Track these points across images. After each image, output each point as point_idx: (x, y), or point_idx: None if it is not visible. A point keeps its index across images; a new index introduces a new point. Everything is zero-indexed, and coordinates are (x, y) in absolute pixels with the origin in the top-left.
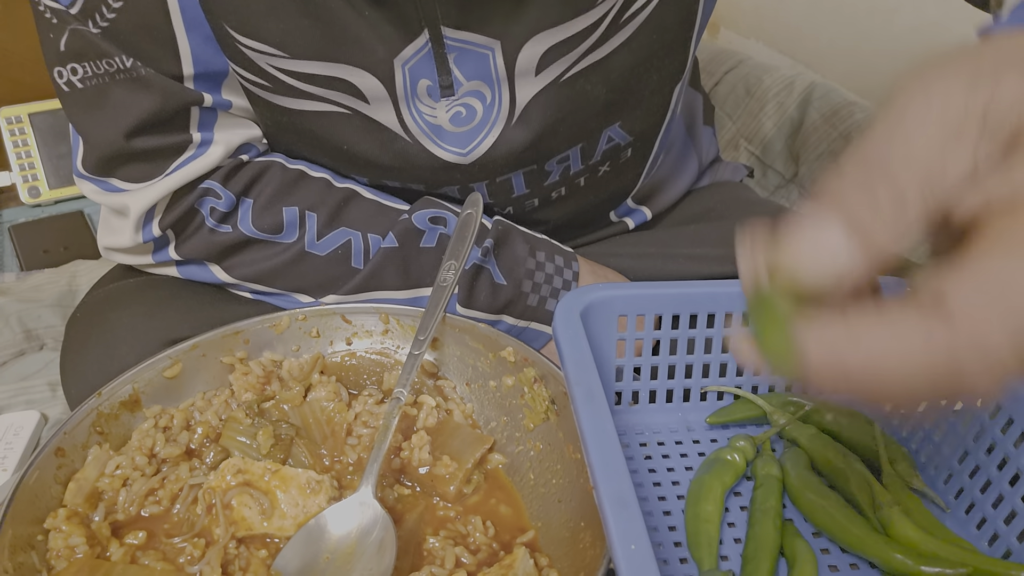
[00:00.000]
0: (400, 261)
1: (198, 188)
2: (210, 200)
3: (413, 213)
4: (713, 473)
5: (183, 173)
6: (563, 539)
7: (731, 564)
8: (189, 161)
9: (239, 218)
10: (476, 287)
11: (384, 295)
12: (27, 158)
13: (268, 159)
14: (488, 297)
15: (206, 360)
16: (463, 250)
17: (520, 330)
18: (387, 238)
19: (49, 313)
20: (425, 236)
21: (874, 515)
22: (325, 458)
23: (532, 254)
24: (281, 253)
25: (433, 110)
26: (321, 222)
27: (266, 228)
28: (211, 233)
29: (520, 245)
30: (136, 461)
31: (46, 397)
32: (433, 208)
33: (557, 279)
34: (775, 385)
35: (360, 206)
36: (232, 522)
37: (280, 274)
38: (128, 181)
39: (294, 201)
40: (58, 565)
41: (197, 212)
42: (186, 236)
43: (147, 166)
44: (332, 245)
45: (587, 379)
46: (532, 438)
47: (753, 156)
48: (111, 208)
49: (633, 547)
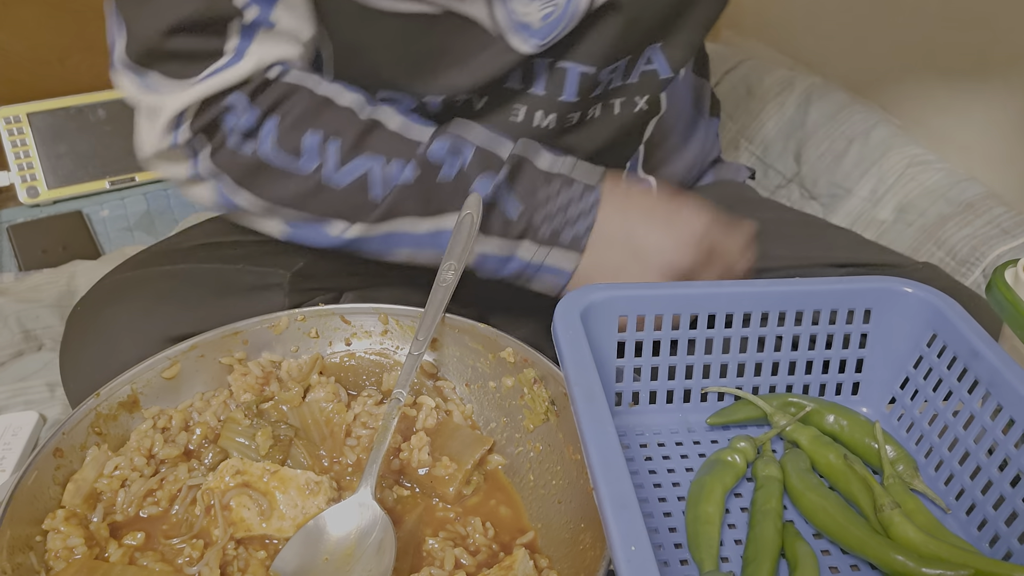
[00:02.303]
0: (418, 195)
1: (224, 101)
2: (234, 116)
3: (430, 145)
4: (714, 474)
5: (213, 81)
6: (563, 540)
7: (732, 565)
8: (220, 70)
9: (261, 138)
10: (491, 214)
11: (408, 222)
12: (25, 158)
13: (298, 80)
14: (502, 225)
15: (205, 361)
16: (463, 250)
17: (536, 268)
18: (404, 172)
19: (48, 313)
20: (442, 170)
21: (875, 516)
22: (324, 459)
23: (547, 181)
24: (301, 183)
25: (526, 7)
26: (343, 150)
27: (287, 151)
28: (233, 152)
29: (535, 172)
30: (135, 462)
31: (44, 397)
32: (451, 139)
33: (573, 208)
34: (776, 386)
35: (382, 136)
36: (231, 523)
37: (301, 204)
38: (165, 77)
39: (318, 126)
40: (56, 566)
41: (220, 127)
42: (215, 147)
43: (182, 66)
44: (351, 176)
45: (587, 380)
46: (532, 439)
47: (754, 156)
48: (145, 109)
49: (633, 548)
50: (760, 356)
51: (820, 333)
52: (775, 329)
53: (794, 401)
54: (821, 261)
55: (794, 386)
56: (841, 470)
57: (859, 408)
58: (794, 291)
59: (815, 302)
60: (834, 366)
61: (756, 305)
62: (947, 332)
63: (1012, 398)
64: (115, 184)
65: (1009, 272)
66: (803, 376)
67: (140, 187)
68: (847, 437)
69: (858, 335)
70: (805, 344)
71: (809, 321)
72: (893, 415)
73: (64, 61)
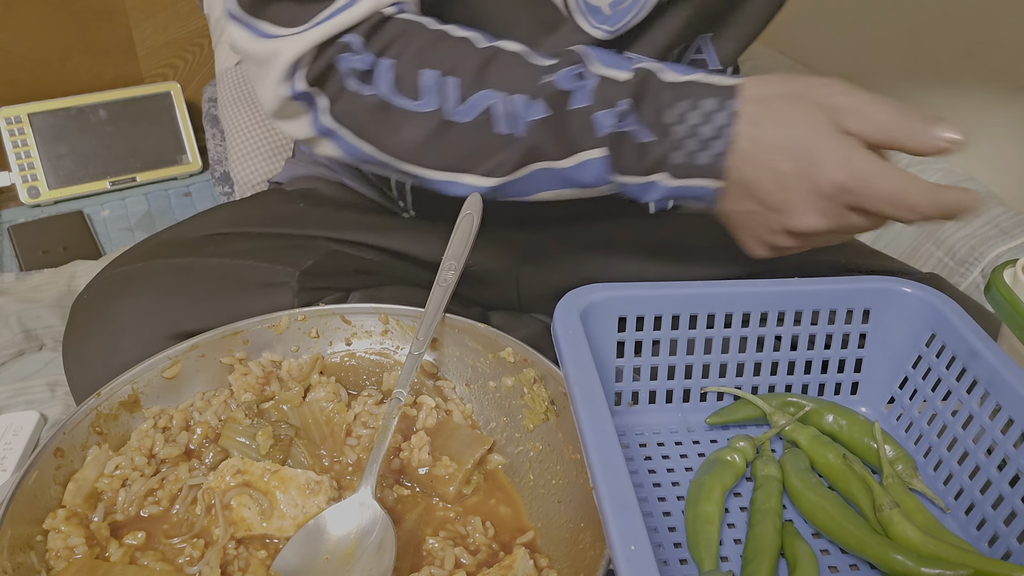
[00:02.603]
0: (553, 129)
1: (339, 42)
2: (349, 57)
3: (556, 72)
4: (713, 474)
5: (332, 24)
6: (563, 540)
7: (731, 565)
8: (339, 12)
9: (378, 80)
10: (621, 152)
11: (547, 165)
12: (26, 158)
13: (413, 16)
14: (635, 160)
15: (205, 360)
16: (463, 250)
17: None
18: (533, 107)
19: (48, 313)
20: (574, 96)
21: (874, 516)
22: (324, 459)
23: (673, 103)
24: (423, 123)
25: None
26: (463, 85)
27: (405, 91)
28: (354, 95)
29: (659, 93)
30: (135, 461)
31: (45, 397)
32: (575, 64)
33: (706, 128)
34: (775, 385)
35: (504, 64)
36: (231, 523)
37: (425, 148)
38: (277, 24)
39: (435, 63)
40: (57, 565)
41: (337, 69)
42: (333, 97)
43: (297, 7)
44: (474, 111)
45: (587, 379)
46: (532, 439)
47: None
48: (258, 60)
49: (633, 548)
50: (759, 356)
51: (819, 333)
52: (774, 329)
53: (793, 401)
54: (827, 271)
55: (793, 386)
56: (840, 470)
57: (858, 408)
58: (794, 291)
59: (814, 302)
60: (833, 366)
61: (756, 305)
62: (946, 332)
63: (1011, 398)
64: (116, 184)
65: (1008, 272)
66: (802, 376)
67: (141, 187)
68: (846, 437)
69: (857, 335)
70: (804, 344)
71: (808, 321)
72: (892, 415)
73: (65, 62)
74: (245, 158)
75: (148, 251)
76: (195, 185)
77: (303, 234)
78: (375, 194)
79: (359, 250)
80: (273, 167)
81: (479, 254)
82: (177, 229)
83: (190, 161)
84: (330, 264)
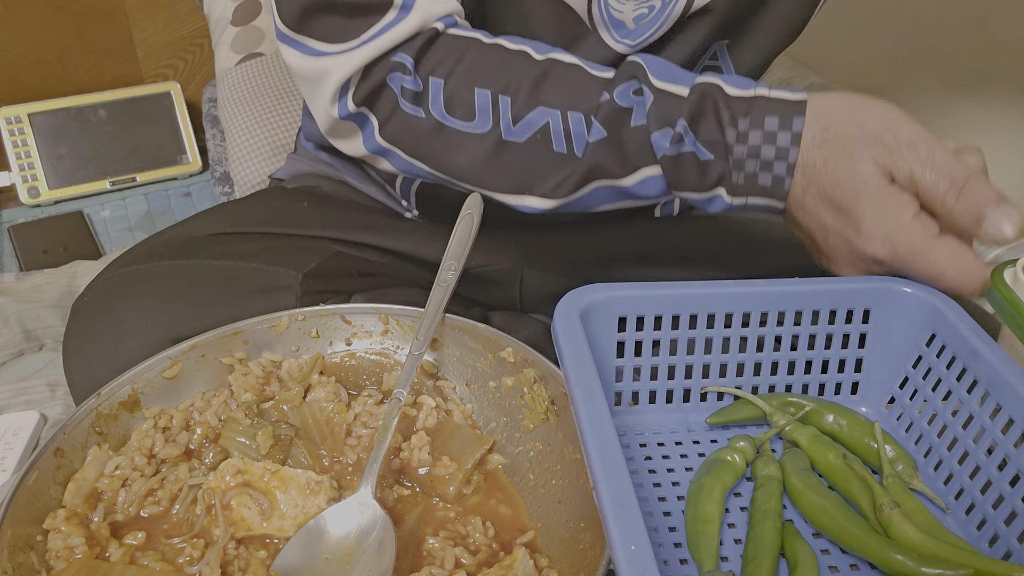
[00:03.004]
0: (613, 148)
1: (389, 61)
2: (400, 77)
3: (614, 89)
4: (713, 474)
5: (381, 41)
6: (563, 540)
7: (731, 565)
8: (388, 28)
9: (430, 101)
10: (681, 171)
11: (609, 183)
12: (27, 158)
13: (466, 33)
14: (696, 178)
15: (205, 361)
16: (463, 250)
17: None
18: (592, 129)
19: (48, 313)
20: (634, 113)
21: (874, 516)
22: (324, 459)
23: (733, 123)
24: (478, 144)
25: (622, 5)
26: (518, 104)
27: (458, 112)
28: (406, 116)
29: (722, 110)
30: (135, 461)
31: (45, 397)
32: (631, 79)
33: (767, 148)
34: (775, 385)
35: (559, 79)
36: (231, 523)
37: (483, 169)
38: (325, 41)
39: (487, 82)
40: (57, 565)
41: (389, 89)
42: (385, 117)
43: (344, 23)
44: (530, 130)
45: (587, 379)
46: (532, 439)
47: None
48: (308, 79)
49: (633, 548)
50: (759, 356)
51: (819, 333)
52: (775, 329)
53: (793, 401)
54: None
55: (793, 386)
56: (840, 470)
57: (858, 408)
58: (794, 291)
59: (814, 302)
60: (833, 366)
61: (756, 305)
62: (946, 332)
63: (1011, 397)
64: (116, 184)
65: (1008, 272)
66: (802, 376)
67: (141, 187)
68: (846, 437)
69: (857, 335)
70: (804, 344)
71: (808, 321)
72: (892, 415)
73: (65, 62)
74: (245, 158)
75: (150, 251)
76: (195, 185)
77: (306, 234)
78: (379, 193)
79: (362, 251)
80: (273, 167)
81: (481, 255)
82: (179, 228)
83: (190, 161)
84: (333, 266)
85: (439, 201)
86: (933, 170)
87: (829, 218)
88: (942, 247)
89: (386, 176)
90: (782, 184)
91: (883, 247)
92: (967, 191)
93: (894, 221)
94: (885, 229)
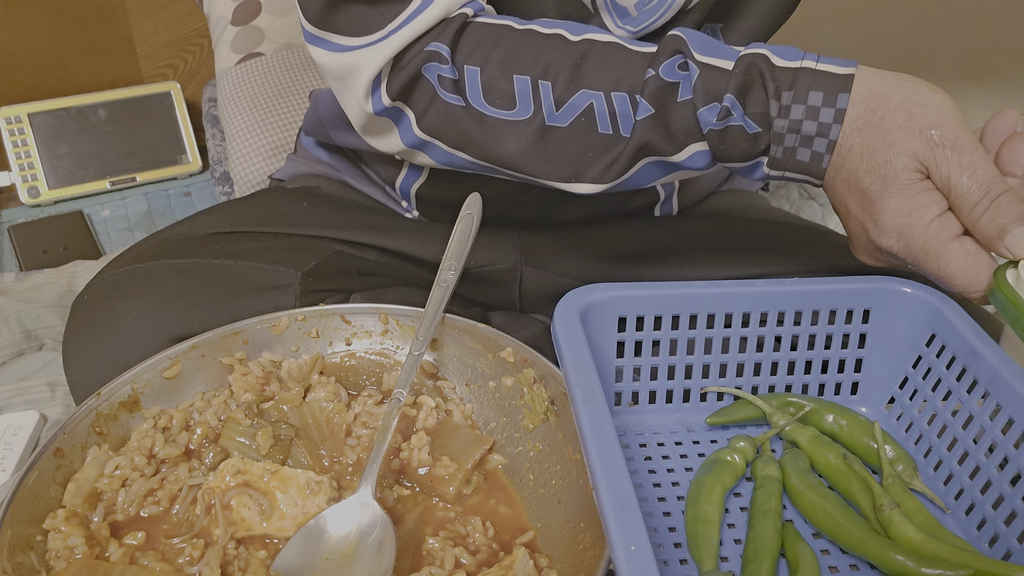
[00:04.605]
0: (661, 125)
1: (423, 51)
2: (437, 67)
3: (659, 64)
4: (713, 474)
5: (408, 30)
6: (563, 540)
7: (731, 565)
8: (414, 16)
9: (468, 89)
10: (728, 144)
11: (659, 159)
12: (26, 158)
13: (496, 20)
14: (744, 150)
15: (205, 361)
16: (463, 250)
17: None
18: (640, 107)
19: (48, 313)
20: (680, 88)
21: (874, 516)
22: (324, 459)
23: (777, 95)
24: (522, 132)
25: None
26: (559, 88)
27: (498, 101)
28: (445, 105)
29: (768, 82)
30: (135, 462)
31: (45, 397)
32: (676, 54)
33: (809, 124)
34: (775, 385)
35: (600, 58)
36: (231, 523)
37: (529, 156)
38: (349, 35)
39: (525, 68)
40: (57, 566)
41: (425, 79)
42: (422, 109)
43: (368, 14)
44: (574, 113)
45: (587, 379)
46: (532, 439)
47: None
48: (338, 76)
49: (633, 548)
50: (759, 356)
51: (819, 333)
52: (774, 329)
53: (793, 401)
54: (827, 271)
55: (793, 386)
56: (840, 470)
57: (858, 408)
58: (793, 291)
59: (814, 302)
60: (833, 366)
61: (756, 305)
62: (946, 332)
63: (1011, 398)
64: (116, 184)
65: (1010, 272)
66: (802, 376)
67: (141, 187)
68: (846, 437)
69: (857, 335)
70: (804, 344)
71: (808, 321)
72: (892, 415)
73: (65, 62)
74: (245, 158)
75: (150, 250)
76: (195, 185)
77: (306, 234)
78: (378, 194)
79: (362, 251)
80: (273, 167)
81: (481, 255)
82: (179, 228)
83: (190, 161)
84: (333, 265)
85: (439, 201)
86: (972, 178)
87: (853, 204)
88: (955, 250)
89: (386, 176)
90: (820, 161)
91: (897, 243)
92: (997, 204)
93: (913, 219)
94: (902, 226)
